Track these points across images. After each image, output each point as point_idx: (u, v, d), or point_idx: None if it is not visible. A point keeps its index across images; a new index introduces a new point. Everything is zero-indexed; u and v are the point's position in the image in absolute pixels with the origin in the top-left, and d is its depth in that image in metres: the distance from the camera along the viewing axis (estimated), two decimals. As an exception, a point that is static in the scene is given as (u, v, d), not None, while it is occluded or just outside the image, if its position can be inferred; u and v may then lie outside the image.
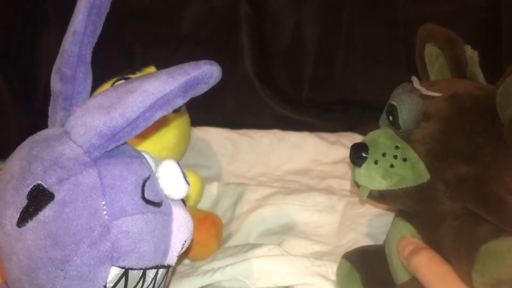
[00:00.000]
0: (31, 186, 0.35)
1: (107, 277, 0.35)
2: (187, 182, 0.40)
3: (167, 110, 0.36)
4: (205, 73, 0.36)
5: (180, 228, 0.39)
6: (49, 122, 0.41)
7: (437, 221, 0.42)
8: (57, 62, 0.39)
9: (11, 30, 0.75)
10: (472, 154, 0.40)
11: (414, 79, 0.44)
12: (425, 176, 0.41)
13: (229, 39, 0.80)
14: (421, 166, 0.41)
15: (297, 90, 0.82)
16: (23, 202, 0.35)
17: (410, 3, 0.75)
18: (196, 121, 0.81)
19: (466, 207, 0.40)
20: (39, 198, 0.34)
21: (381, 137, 0.43)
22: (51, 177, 0.35)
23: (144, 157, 0.39)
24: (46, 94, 0.42)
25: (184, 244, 0.40)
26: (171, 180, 0.39)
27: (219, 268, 0.52)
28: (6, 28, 0.75)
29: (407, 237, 0.44)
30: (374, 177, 0.43)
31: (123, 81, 0.47)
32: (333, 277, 0.51)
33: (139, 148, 0.41)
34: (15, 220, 0.35)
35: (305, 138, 0.78)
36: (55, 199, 0.34)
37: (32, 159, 0.36)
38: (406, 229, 0.44)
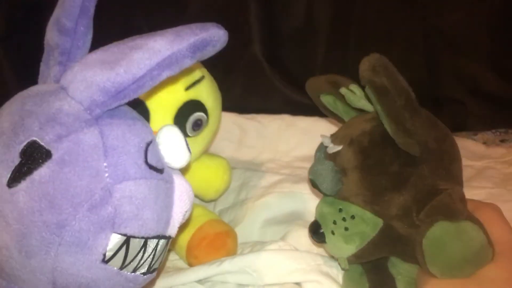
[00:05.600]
0: (25, 143, 0.31)
1: (107, 244, 0.32)
2: (189, 150, 0.37)
3: (175, 70, 0.34)
4: (213, 35, 0.34)
5: (182, 198, 0.37)
6: (40, 78, 0.37)
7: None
8: (56, 12, 0.36)
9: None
10: (397, 182, 0.39)
11: (324, 138, 0.44)
12: (379, 221, 0.41)
13: (237, 20, 0.77)
14: (368, 215, 0.41)
15: (308, 73, 0.79)
16: (15, 160, 0.31)
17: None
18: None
19: None
20: (34, 156, 0.31)
21: (324, 208, 0.44)
22: (49, 133, 0.31)
23: (145, 120, 0.36)
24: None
25: (185, 214, 0.37)
26: (172, 147, 0.36)
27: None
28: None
29: None
30: (341, 247, 0.42)
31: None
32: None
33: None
34: (5, 179, 0.31)
35: (315, 123, 0.75)
36: (53, 157, 0.31)
37: (25, 114, 0.33)
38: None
